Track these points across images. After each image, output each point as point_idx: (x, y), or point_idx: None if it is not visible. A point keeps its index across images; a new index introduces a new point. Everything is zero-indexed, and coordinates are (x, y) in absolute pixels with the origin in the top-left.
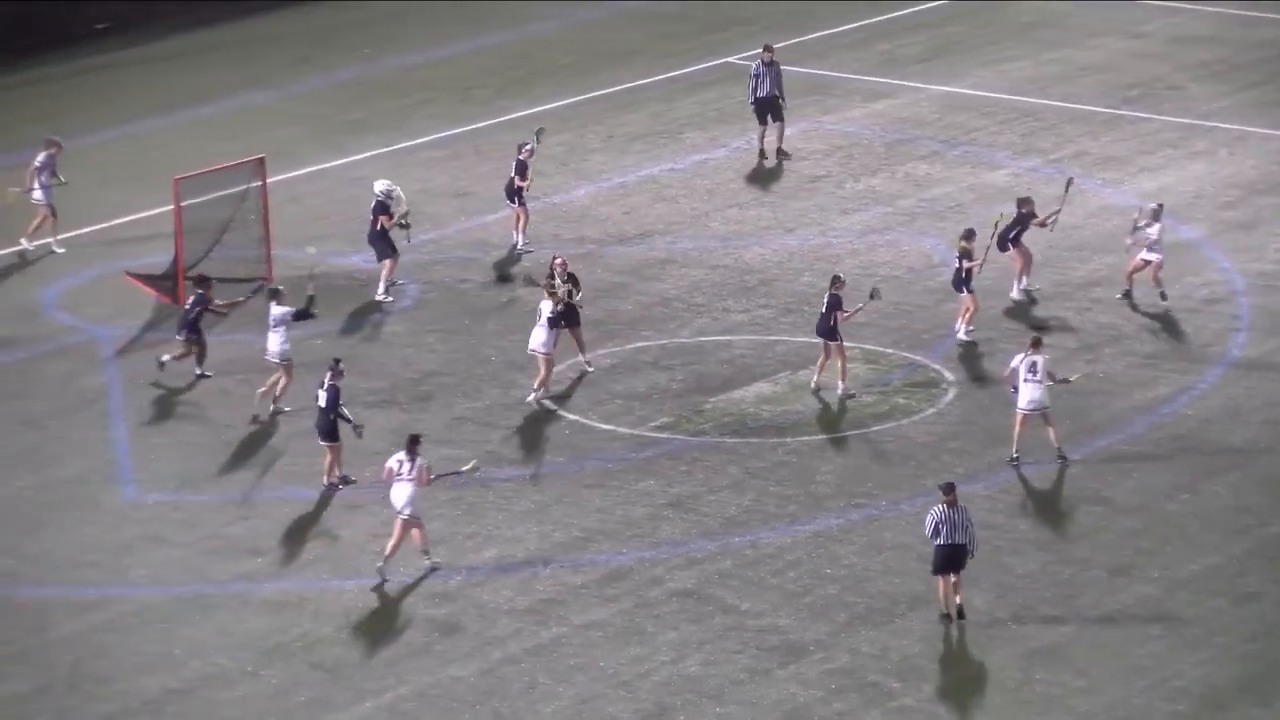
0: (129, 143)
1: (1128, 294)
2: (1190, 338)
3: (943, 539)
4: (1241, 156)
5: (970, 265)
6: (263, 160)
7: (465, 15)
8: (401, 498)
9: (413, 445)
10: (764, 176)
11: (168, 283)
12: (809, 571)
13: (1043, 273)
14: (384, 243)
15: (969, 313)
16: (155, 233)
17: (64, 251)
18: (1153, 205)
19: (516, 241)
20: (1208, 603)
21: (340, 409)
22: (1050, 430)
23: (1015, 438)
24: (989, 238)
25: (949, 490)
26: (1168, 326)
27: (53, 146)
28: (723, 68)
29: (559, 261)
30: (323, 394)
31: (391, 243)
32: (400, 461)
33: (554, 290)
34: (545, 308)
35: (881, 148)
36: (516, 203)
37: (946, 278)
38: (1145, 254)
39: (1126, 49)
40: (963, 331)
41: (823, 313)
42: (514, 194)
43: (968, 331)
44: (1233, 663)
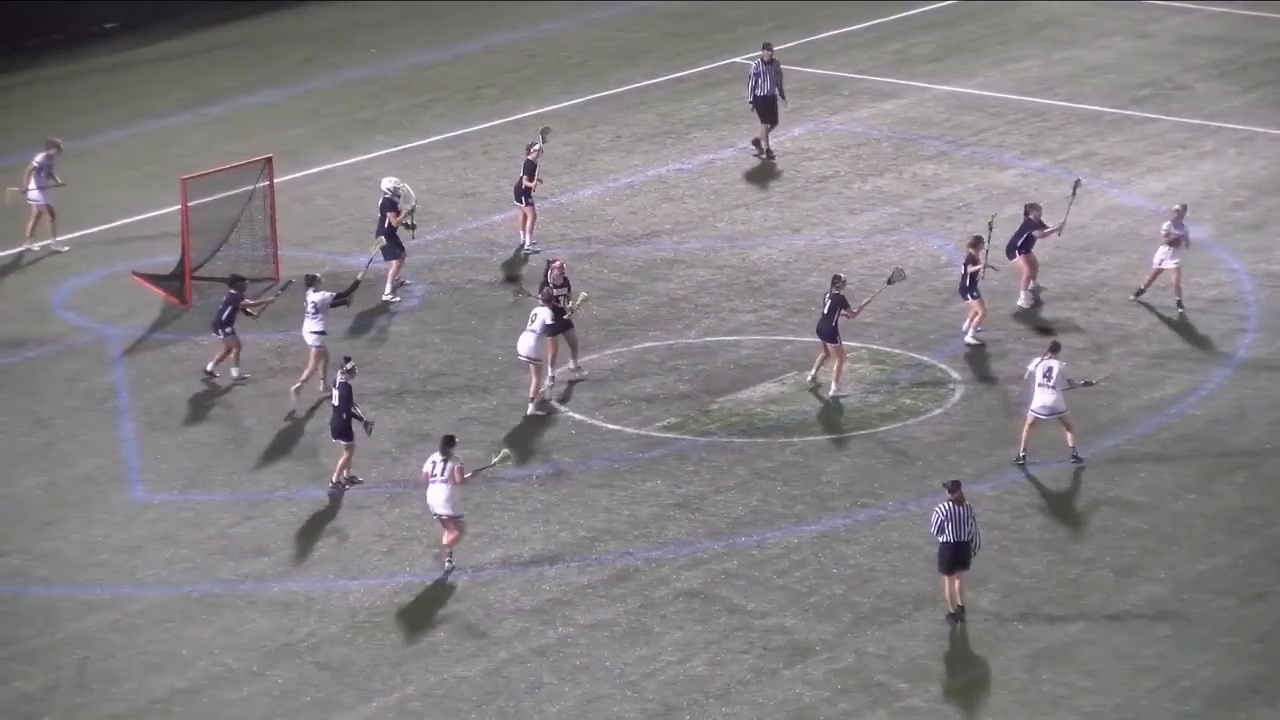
0: (137, 142)
1: (1139, 293)
2: (1198, 338)
3: (948, 536)
4: (1250, 157)
5: (975, 269)
6: (270, 160)
7: (474, 15)
8: (438, 498)
9: (447, 446)
10: (771, 177)
11: (174, 283)
12: (815, 571)
13: (1050, 273)
14: (391, 242)
15: (977, 317)
16: (163, 232)
17: (69, 250)
18: (1176, 207)
19: (523, 242)
20: (1215, 603)
21: (353, 410)
22: (1069, 433)
23: (1023, 439)
24: (986, 238)
25: (954, 488)
26: (1175, 327)
27: (52, 148)
28: (732, 68)
29: (557, 265)
30: (335, 392)
31: (399, 242)
32: (434, 463)
33: (554, 300)
34: (542, 314)
35: (889, 148)
36: (524, 203)
37: (953, 278)
38: (1167, 260)
39: (1135, 49)
40: (970, 335)
41: (824, 313)
42: (521, 194)
43: (975, 335)
44: (1241, 663)
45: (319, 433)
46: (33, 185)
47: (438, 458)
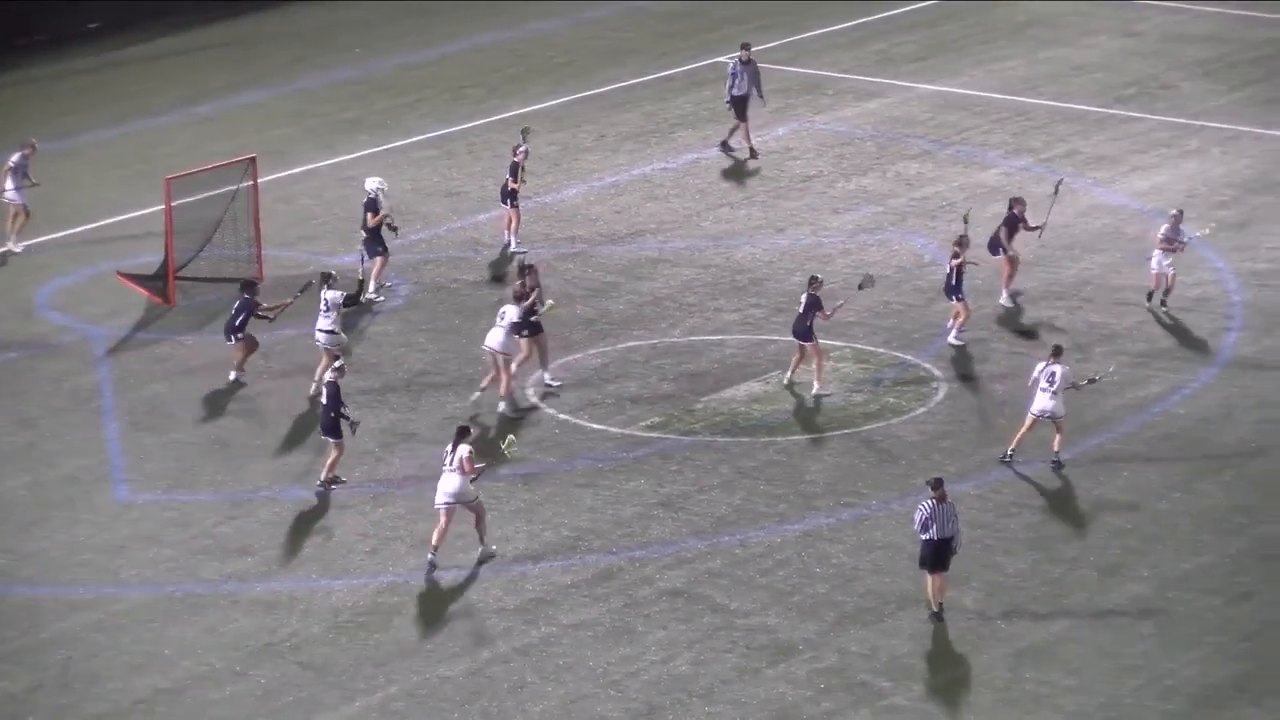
0: (123, 142)
1: (1150, 295)
2: (1183, 337)
3: (931, 534)
4: (1235, 156)
5: (957, 262)
6: (254, 160)
7: (461, 15)
8: (449, 487)
9: (460, 437)
10: (755, 176)
11: (158, 283)
12: (798, 571)
13: (1034, 272)
14: (374, 241)
15: (960, 318)
16: (148, 232)
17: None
18: (1174, 212)
19: (509, 242)
20: (1200, 601)
21: (341, 409)
22: (1057, 436)
23: (1017, 438)
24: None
25: (937, 485)
26: (1160, 325)
27: (28, 148)
28: (716, 67)
29: (530, 267)
30: (324, 390)
31: (383, 241)
32: (446, 453)
33: (524, 293)
34: (510, 311)
35: (873, 147)
36: (509, 204)
37: (937, 277)
38: (1164, 263)
39: (1121, 48)
40: (953, 336)
41: (800, 313)
42: (507, 196)
43: (959, 336)
44: (1226, 662)
45: (302, 433)
46: (10, 185)
47: (449, 447)
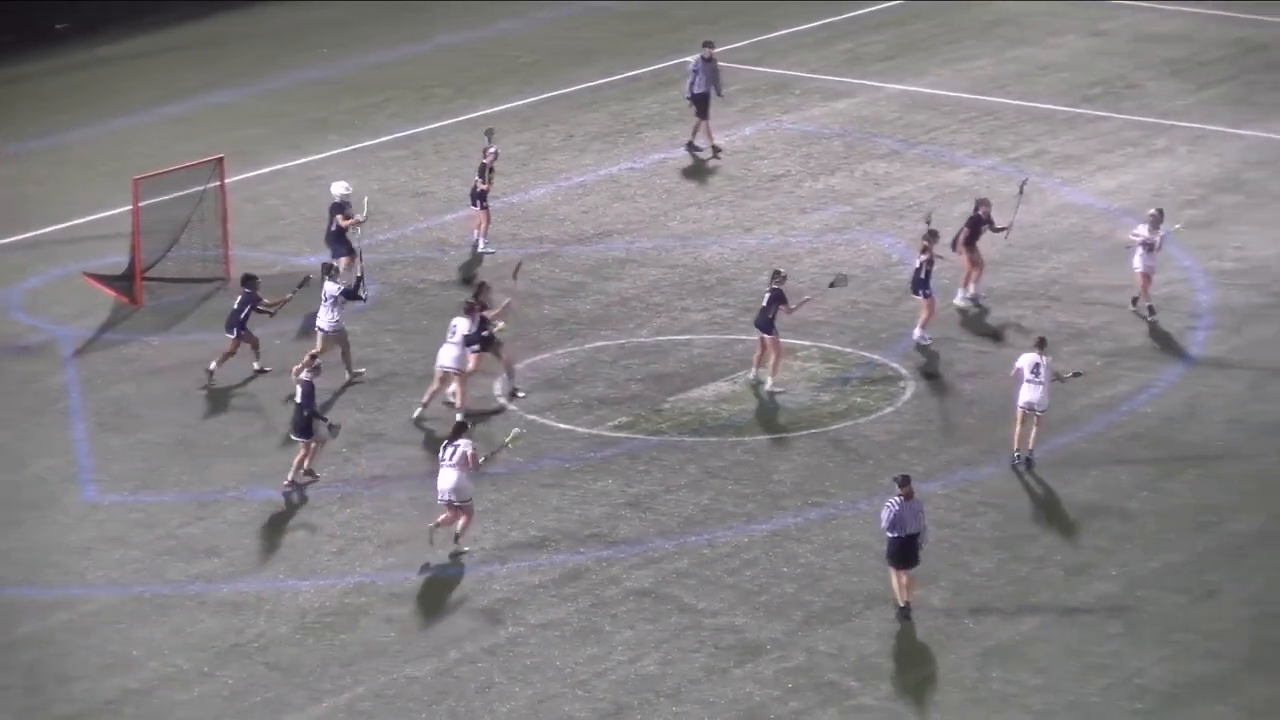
0: (91, 143)
1: (1136, 300)
2: (1150, 336)
3: (898, 531)
4: (1202, 155)
5: (925, 257)
6: (221, 160)
7: (428, 14)
8: (446, 483)
9: (456, 434)
10: (722, 176)
11: (125, 283)
12: (766, 570)
13: (1001, 271)
14: (340, 243)
15: (924, 316)
16: (116, 232)
17: None
18: (1153, 212)
19: (477, 243)
20: (1168, 600)
21: (314, 408)
22: (1034, 430)
23: (1015, 437)
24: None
25: (904, 483)
26: (1127, 324)
27: None
28: (683, 67)
29: (484, 285)
30: (298, 389)
31: (349, 243)
32: (444, 447)
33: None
34: (461, 325)
35: (841, 147)
36: (479, 205)
37: (904, 276)
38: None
39: (1088, 47)
40: (918, 333)
41: (763, 306)
42: (476, 197)
43: (924, 336)
44: (1193, 660)
45: (268, 433)
46: None
47: (447, 442)
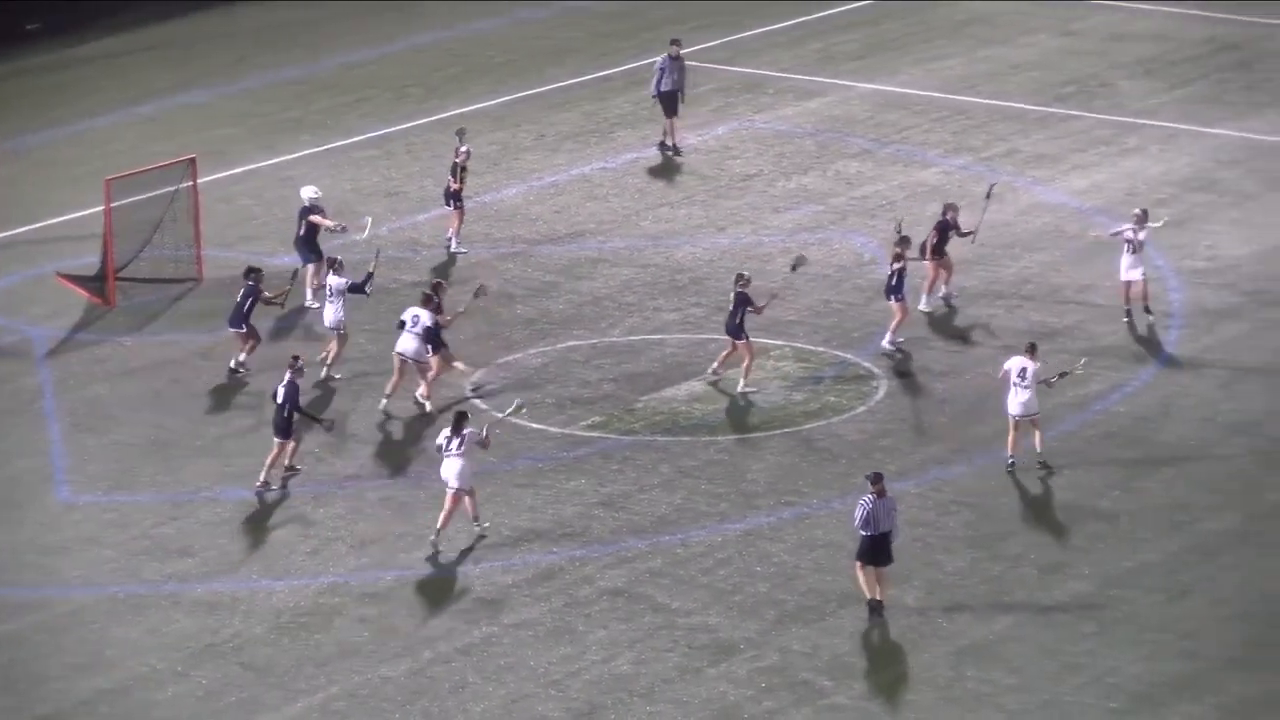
0: (64, 143)
1: (1129, 312)
2: (1123, 335)
3: (871, 529)
4: (1174, 154)
5: (899, 266)
6: (194, 160)
7: (401, 14)
8: (450, 472)
9: (459, 422)
10: (695, 175)
11: (98, 284)
12: (739, 570)
13: (973, 271)
14: (308, 247)
15: (896, 320)
16: (89, 233)
17: None
18: (1137, 211)
19: (450, 243)
20: (1142, 599)
21: (299, 407)
22: (1036, 434)
23: (1010, 443)
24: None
25: (876, 480)
26: (1100, 324)
27: None
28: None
29: (438, 282)
30: (281, 390)
31: (317, 248)
32: (447, 438)
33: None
34: (424, 316)
35: (813, 146)
36: (452, 205)
37: (877, 276)
38: (1134, 270)
39: (1060, 46)
40: (887, 340)
41: (730, 310)
42: (449, 197)
43: (893, 342)
44: (1167, 659)
45: (242, 433)
46: None
47: (449, 433)
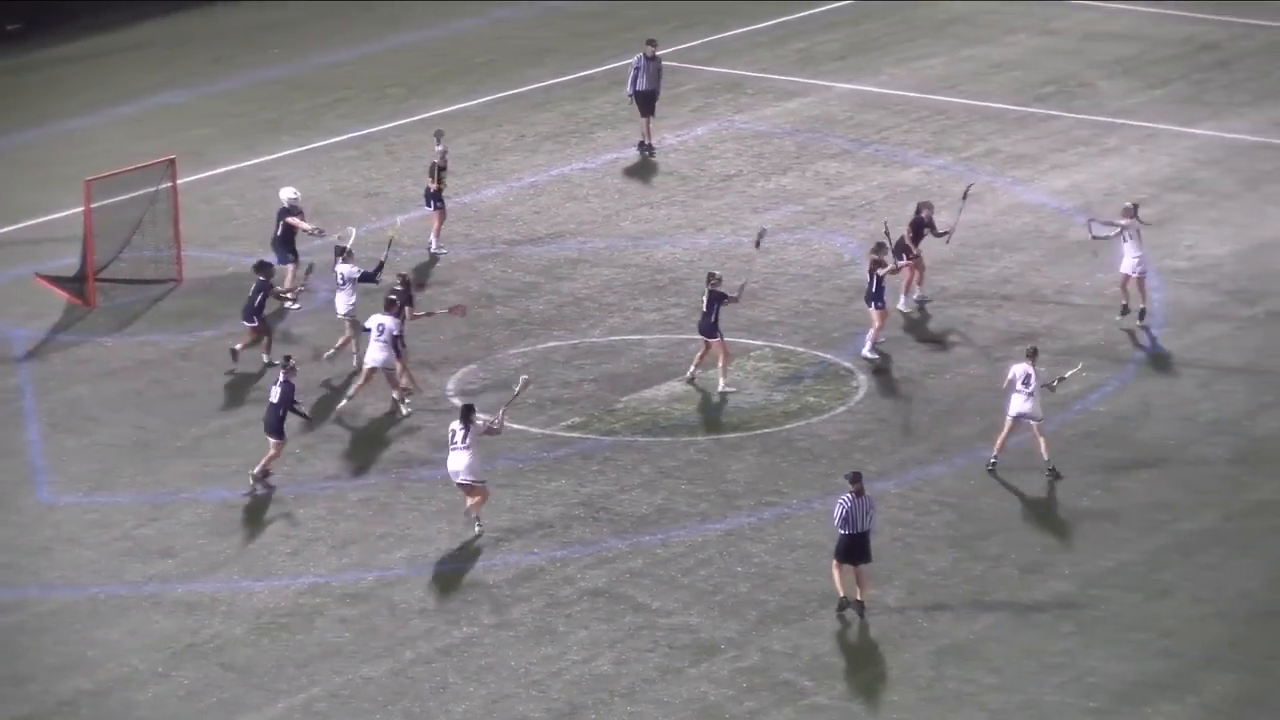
0: (43, 143)
1: (1125, 309)
2: (1102, 335)
3: (850, 528)
4: (1153, 154)
5: (883, 273)
6: (173, 161)
7: (381, 14)
8: (458, 465)
9: (467, 415)
10: (675, 176)
11: (78, 285)
12: (720, 570)
13: (953, 271)
14: (285, 248)
15: (875, 328)
16: (70, 234)
17: None
18: (1129, 204)
19: (430, 244)
20: (1122, 599)
21: (294, 405)
22: (1041, 441)
23: (999, 443)
24: (885, 235)
25: (855, 480)
26: (1079, 323)
27: None
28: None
29: (404, 276)
30: (276, 389)
31: (294, 248)
32: (454, 431)
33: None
34: (389, 323)
35: (793, 146)
36: (432, 206)
37: (857, 276)
38: (1132, 267)
39: (1040, 46)
40: (867, 349)
41: (703, 311)
42: (429, 197)
43: (873, 349)
44: (1147, 658)
45: (223, 433)
46: None
47: (457, 425)
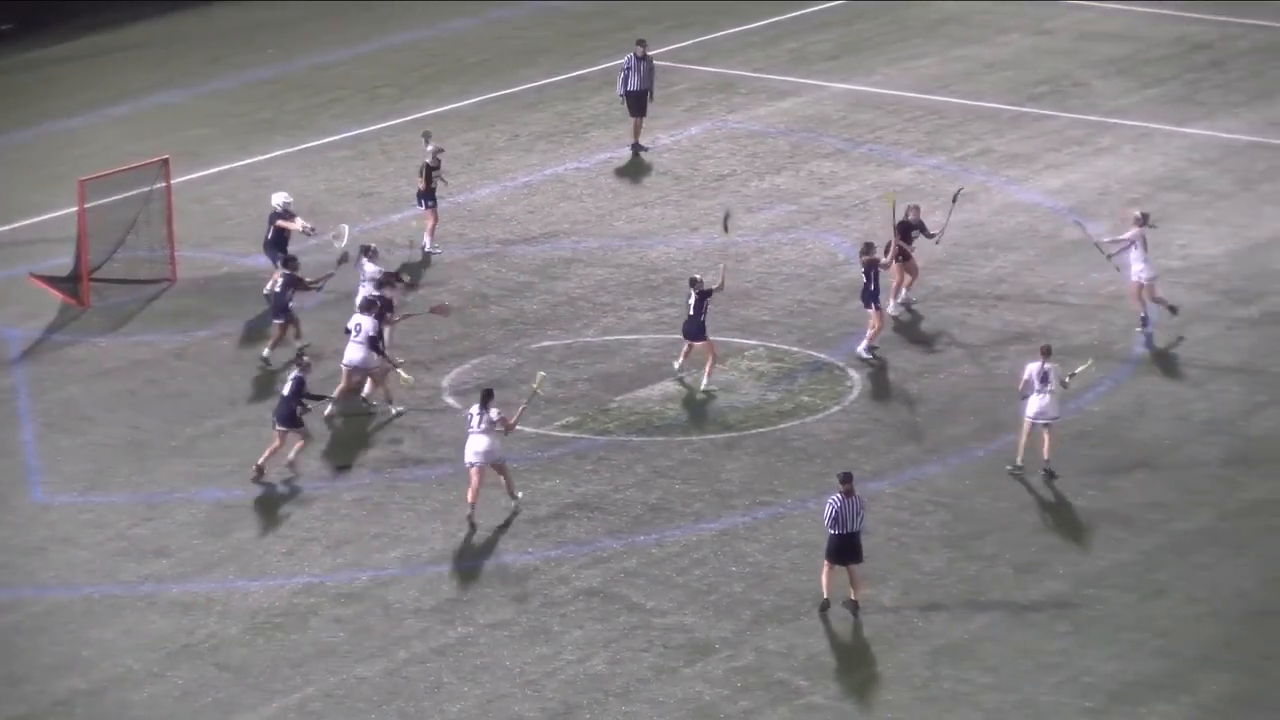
0: (37, 143)
1: (1145, 320)
2: (1096, 334)
3: (839, 528)
4: (1147, 153)
5: (883, 265)
6: (167, 161)
7: (375, 14)
8: (478, 448)
9: (486, 399)
10: (669, 175)
11: (72, 285)
12: (715, 570)
13: (947, 270)
14: (276, 251)
15: (874, 330)
16: (63, 234)
17: None
18: (1137, 214)
19: (424, 244)
20: (1117, 599)
21: (306, 397)
22: (1047, 441)
23: (1021, 447)
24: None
25: (846, 480)
26: (1073, 323)
27: None
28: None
29: (389, 275)
30: (289, 383)
31: (286, 250)
32: (471, 415)
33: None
34: (366, 323)
35: (786, 146)
36: (425, 206)
37: (851, 275)
38: (1141, 274)
39: (1033, 46)
40: (863, 347)
41: (691, 314)
42: (423, 197)
43: (869, 349)
44: (1142, 658)
45: (217, 433)
46: None
47: (476, 409)
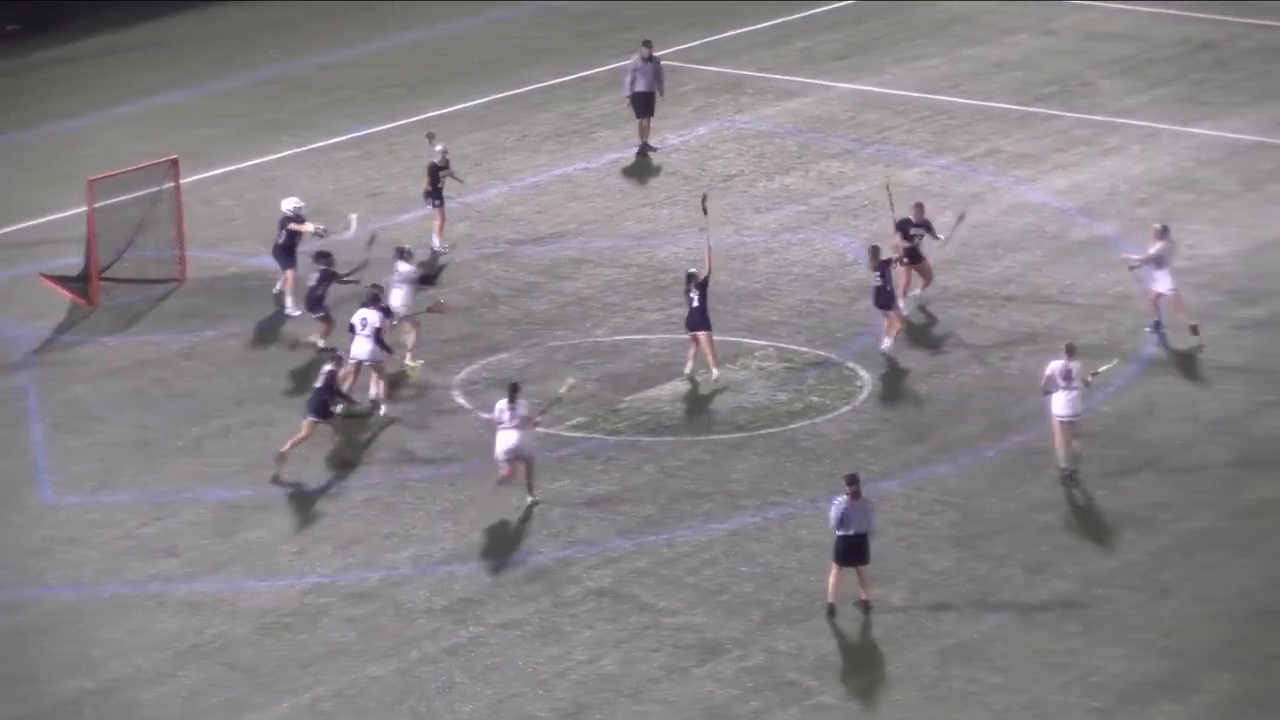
0: (44, 144)
1: (1157, 324)
2: (1105, 334)
3: (845, 529)
4: (1154, 153)
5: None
6: (175, 161)
7: (380, 14)
8: (506, 443)
9: (514, 394)
10: (677, 175)
11: (81, 284)
12: (725, 570)
13: (956, 271)
14: (285, 255)
15: (896, 330)
16: (70, 234)
17: None
18: (1158, 226)
19: (433, 244)
20: (1125, 599)
21: (335, 393)
22: (1074, 441)
23: (1058, 448)
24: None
25: (852, 482)
26: (1081, 323)
27: None
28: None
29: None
30: (322, 377)
31: (294, 257)
32: (501, 410)
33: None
34: (371, 317)
35: (794, 146)
36: (432, 206)
37: (860, 276)
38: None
39: (1040, 46)
40: (887, 345)
41: (694, 307)
42: (429, 197)
43: (892, 347)
44: (1150, 658)
45: (224, 433)
46: None
47: (504, 404)
